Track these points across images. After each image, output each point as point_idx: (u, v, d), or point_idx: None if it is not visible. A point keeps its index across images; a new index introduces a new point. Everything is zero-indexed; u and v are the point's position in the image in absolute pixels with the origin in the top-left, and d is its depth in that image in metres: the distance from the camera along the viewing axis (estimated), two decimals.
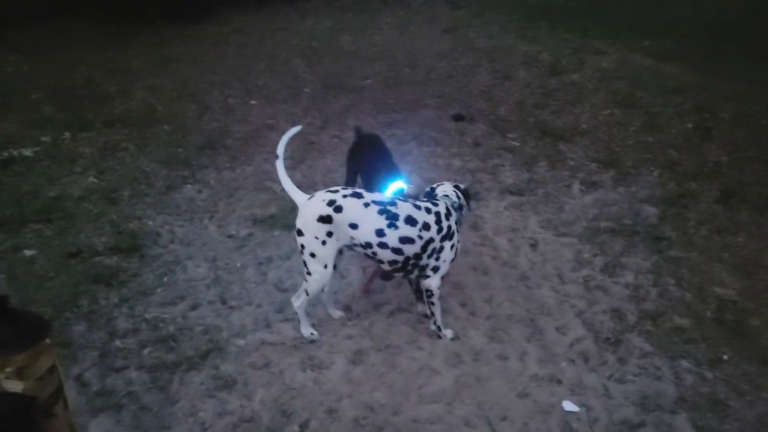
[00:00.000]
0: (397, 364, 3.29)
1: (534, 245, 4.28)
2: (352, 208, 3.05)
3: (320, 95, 7.19)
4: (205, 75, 7.73)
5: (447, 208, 3.25)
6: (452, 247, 3.25)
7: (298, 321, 3.44)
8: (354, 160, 4.19)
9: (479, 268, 4.06)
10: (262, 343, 3.44)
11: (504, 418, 2.99)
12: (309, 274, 3.20)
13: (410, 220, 3.10)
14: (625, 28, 9.35)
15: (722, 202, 4.75)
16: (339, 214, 3.05)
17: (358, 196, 3.08)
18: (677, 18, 9.69)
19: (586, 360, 3.33)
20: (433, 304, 3.33)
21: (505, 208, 4.72)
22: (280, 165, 3.25)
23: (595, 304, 3.71)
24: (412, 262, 3.19)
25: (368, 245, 3.09)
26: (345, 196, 3.08)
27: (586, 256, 4.16)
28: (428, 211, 3.19)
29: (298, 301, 3.38)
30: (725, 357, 3.34)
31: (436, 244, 3.18)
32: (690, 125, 6.12)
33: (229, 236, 4.40)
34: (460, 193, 3.41)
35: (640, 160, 5.45)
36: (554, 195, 4.91)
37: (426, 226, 3.15)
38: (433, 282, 3.27)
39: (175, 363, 3.29)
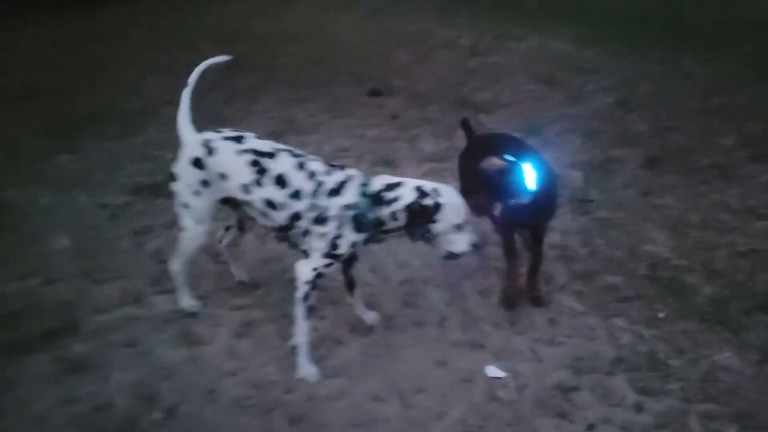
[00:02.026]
0: (293, 335, 2.75)
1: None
2: (225, 154, 2.51)
3: (228, 73, 6.54)
4: (102, 53, 7.02)
5: (341, 185, 2.42)
6: (323, 236, 2.40)
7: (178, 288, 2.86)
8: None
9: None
10: (129, 318, 2.84)
11: (419, 390, 2.52)
12: (182, 230, 2.64)
13: (280, 181, 2.42)
14: (543, 17, 9.29)
15: (647, 167, 4.52)
16: (211, 159, 2.51)
17: (239, 140, 2.53)
18: (593, 8, 9.74)
19: (513, 323, 2.92)
20: (296, 304, 2.47)
21: (424, 174, 4.28)
22: (186, 95, 2.70)
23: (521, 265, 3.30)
24: (283, 234, 2.52)
25: (238, 201, 2.55)
26: (226, 138, 2.54)
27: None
28: (311, 175, 2.43)
29: (175, 266, 2.80)
30: (661, 315, 3.02)
31: (306, 223, 2.42)
32: (611, 100, 5.95)
33: (103, 206, 3.75)
34: (410, 200, 2.39)
35: (563, 130, 5.19)
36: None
37: (296, 195, 2.42)
38: (300, 270, 2.44)
39: (13, 344, 2.63)
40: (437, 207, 2.40)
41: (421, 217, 2.39)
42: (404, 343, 2.76)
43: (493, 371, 2.60)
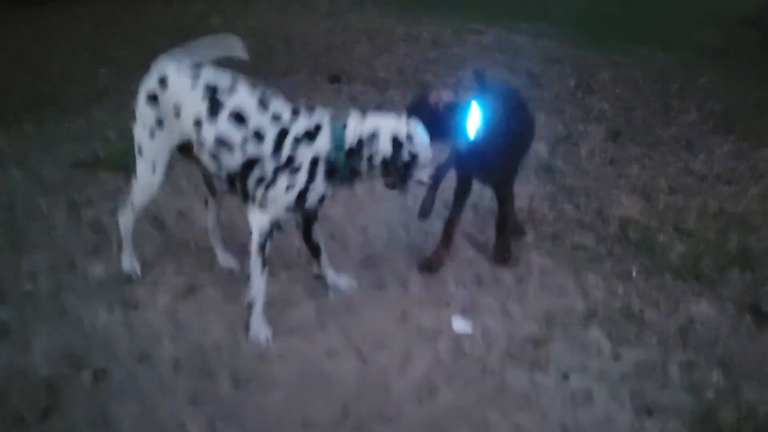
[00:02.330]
0: (242, 296, 2.51)
1: (420, 182, 3.69)
2: (179, 85, 2.26)
3: None
4: (50, 49, 6.67)
5: (310, 132, 2.17)
6: (291, 188, 2.18)
7: (120, 248, 2.59)
8: None
9: (352, 202, 3.39)
10: (60, 285, 2.55)
11: (380, 347, 2.31)
12: (135, 178, 2.41)
13: (237, 117, 2.17)
14: (502, 15, 9.32)
15: (611, 140, 4.44)
16: (164, 92, 2.27)
17: (195, 72, 2.27)
18: (550, 7, 9.86)
19: (480, 282, 2.74)
20: (251, 256, 2.27)
21: None
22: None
23: (487, 228, 3.14)
24: (238, 184, 2.25)
25: (191, 143, 2.29)
26: (182, 70, 2.29)
27: (474, 188, 3.60)
28: (276, 118, 2.17)
29: (124, 221, 2.55)
30: (634, 272, 2.88)
31: (266, 171, 2.18)
32: (572, 83, 5.90)
33: (39, 180, 3.46)
34: (381, 136, 2.17)
35: None
36: None
37: (258, 137, 2.17)
38: (254, 218, 2.23)
39: None
40: (414, 158, 2.20)
41: (403, 171, 2.20)
42: (363, 304, 2.55)
43: (459, 325, 2.41)
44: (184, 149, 2.37)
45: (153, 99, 2.28)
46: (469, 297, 2.62)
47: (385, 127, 2.19)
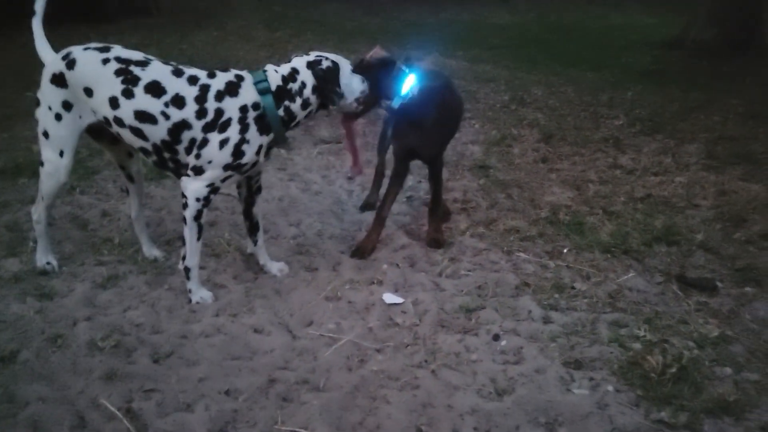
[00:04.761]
0: (165, 282, 2.43)
1: (351, 178, 3.69)
2: (87, 65, 2.22)
3: None
4: None
5: (232, 83, 2.18)
6: (224, 143, 2.15)
7: (35, 244, 2.47)
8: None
9: (285, 198, 3.35)
10: None
11: (309, 324, 2.24)
12: (42, 164, 2.30)
13: (154, 89, 2.13)
14: (439, 44, 9.60)
15: (544, 142, 4.55)
16: (72, 72, 2.21)
17: (104, 50, 2.24)
18: (486, 36, 10.20)
19: (413, 264, 2.72)
20: (185, 223, 2.24)
21: (319, 153, 4.12)
22: (36, 23, 2.37)
23: (421, 218, 3.15)
24: (166, 155, 2.20)
25: (108, 122, 2.23)
26: (88, 48, 2.25)
27: (409, 183, 3.63)
28: (192, 81, 2.16)
29: (36, 213, 2.44)
30: (565, 250, 2.91)
31: (196, 134, 2.15)
32: (506, 97, 6.07)
33: None
34: (301, 75, 2.23)
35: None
36: (373, 143, 4.39)
37: (178, 102, 2.13)
38: (189, 185, 2.17)
39: None
40: (336, 65, 2.29)
41: (330, 80, 2.24)
42: (293, 286, 2.49)
43: (390, 298, 2.37)
44: (93, 130, 2.32)
45: (58, 80, 2.22)
46: (402, 276, 2.59)
47: (298, 63, 2.28)
